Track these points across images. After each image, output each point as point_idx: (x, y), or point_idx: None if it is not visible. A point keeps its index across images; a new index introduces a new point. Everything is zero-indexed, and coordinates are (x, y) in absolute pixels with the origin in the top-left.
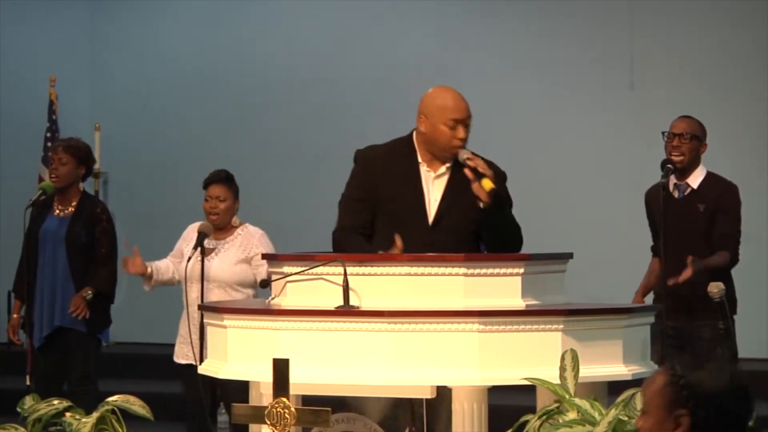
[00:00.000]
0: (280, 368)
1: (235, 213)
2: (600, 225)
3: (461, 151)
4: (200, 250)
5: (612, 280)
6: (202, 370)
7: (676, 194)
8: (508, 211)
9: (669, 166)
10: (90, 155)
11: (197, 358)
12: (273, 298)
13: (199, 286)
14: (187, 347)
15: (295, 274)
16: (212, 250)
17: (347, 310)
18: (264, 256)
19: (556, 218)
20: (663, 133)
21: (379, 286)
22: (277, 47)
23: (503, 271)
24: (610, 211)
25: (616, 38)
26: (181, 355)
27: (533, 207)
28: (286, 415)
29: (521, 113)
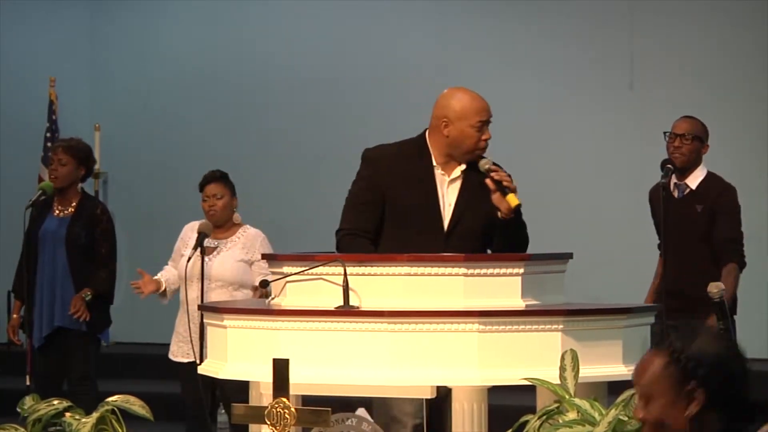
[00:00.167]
0: (280, 368)
1: (234, 209)
2: (600, 225)
3: (483, 160)
4: (200, 250)
5: (612, 280)
6: (201, 370)
7: (675, 194)
8: (521, 218)
9: (669, 167)
10: (90, 156)
11: (197, 356)
12: (273, 298)
13: (199, 285)
14: (186, 345)
15: (295, 274)
16: (214, 249)
17: (347, 310)
18: (264, 256)
19: (556, 218)
20: (665, 132)
21: (379, 286)
22: (277, 47)
23: (503, 271)
24: (610, 211)
25: (616, 38)
26: (180, 354)
27: (533, 207)
28: (286, 415)
29: (521, 113)
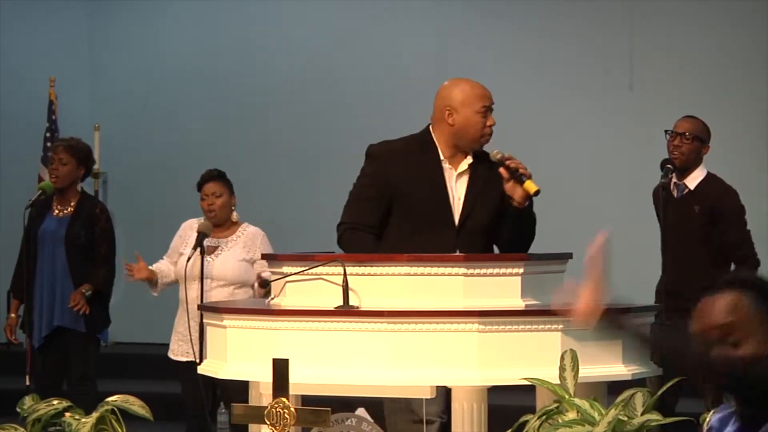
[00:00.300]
0: (280, 368)
1: (233, 207)
2: (600, 225)
3: (494, 151)
4: (200, 249)
5: (612, 280)
6: (201, 370)
7: (675, 194)
8: (533, 209)
9: (668, 166)
10: (90, 156)
11: (197, 356)
12: (273, 298)
13: (199, 285)
14: (186, 344)
15: (295, 274)
16: (214, 249)
17: (347, 310)
18: (264, 256)
19: (556, 218)
20: (666, 131)
21: (379, 286)
22: (277, 47)
23: (503, 271)
24: (610, 211)
25: (616, 38)
26: (180, 353)
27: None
28: (286, 415)
29: (521, 113)
